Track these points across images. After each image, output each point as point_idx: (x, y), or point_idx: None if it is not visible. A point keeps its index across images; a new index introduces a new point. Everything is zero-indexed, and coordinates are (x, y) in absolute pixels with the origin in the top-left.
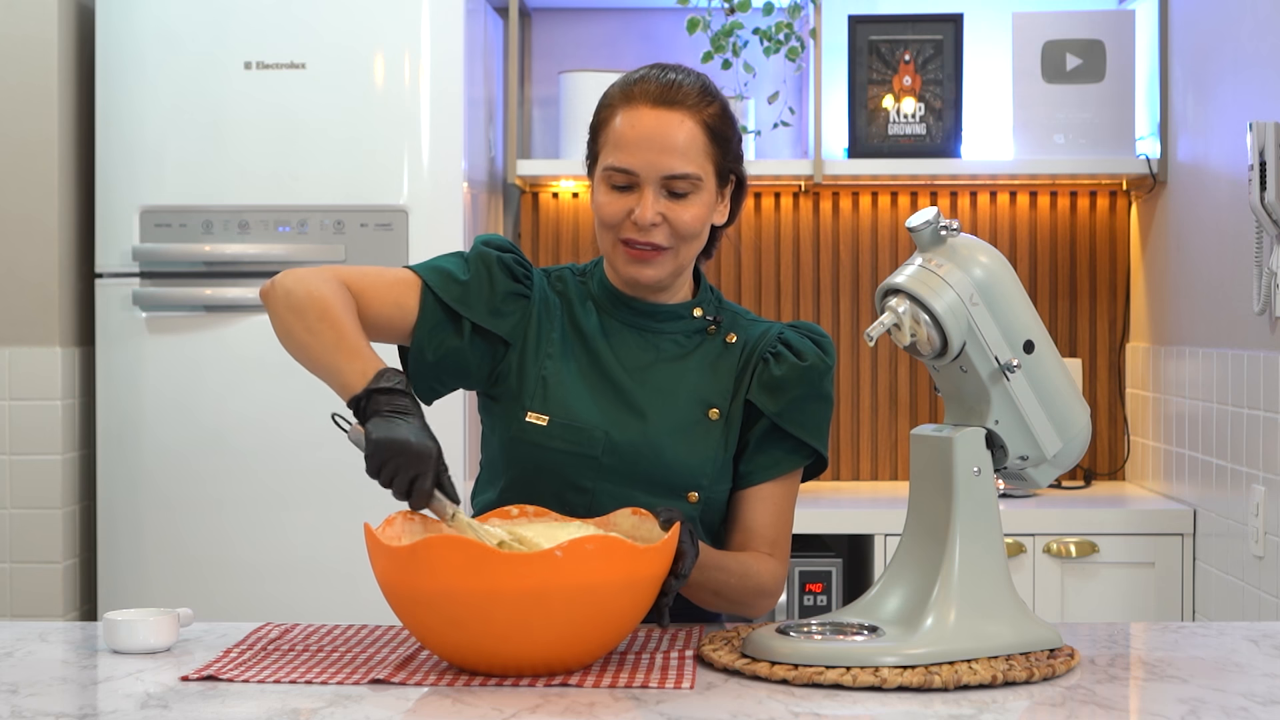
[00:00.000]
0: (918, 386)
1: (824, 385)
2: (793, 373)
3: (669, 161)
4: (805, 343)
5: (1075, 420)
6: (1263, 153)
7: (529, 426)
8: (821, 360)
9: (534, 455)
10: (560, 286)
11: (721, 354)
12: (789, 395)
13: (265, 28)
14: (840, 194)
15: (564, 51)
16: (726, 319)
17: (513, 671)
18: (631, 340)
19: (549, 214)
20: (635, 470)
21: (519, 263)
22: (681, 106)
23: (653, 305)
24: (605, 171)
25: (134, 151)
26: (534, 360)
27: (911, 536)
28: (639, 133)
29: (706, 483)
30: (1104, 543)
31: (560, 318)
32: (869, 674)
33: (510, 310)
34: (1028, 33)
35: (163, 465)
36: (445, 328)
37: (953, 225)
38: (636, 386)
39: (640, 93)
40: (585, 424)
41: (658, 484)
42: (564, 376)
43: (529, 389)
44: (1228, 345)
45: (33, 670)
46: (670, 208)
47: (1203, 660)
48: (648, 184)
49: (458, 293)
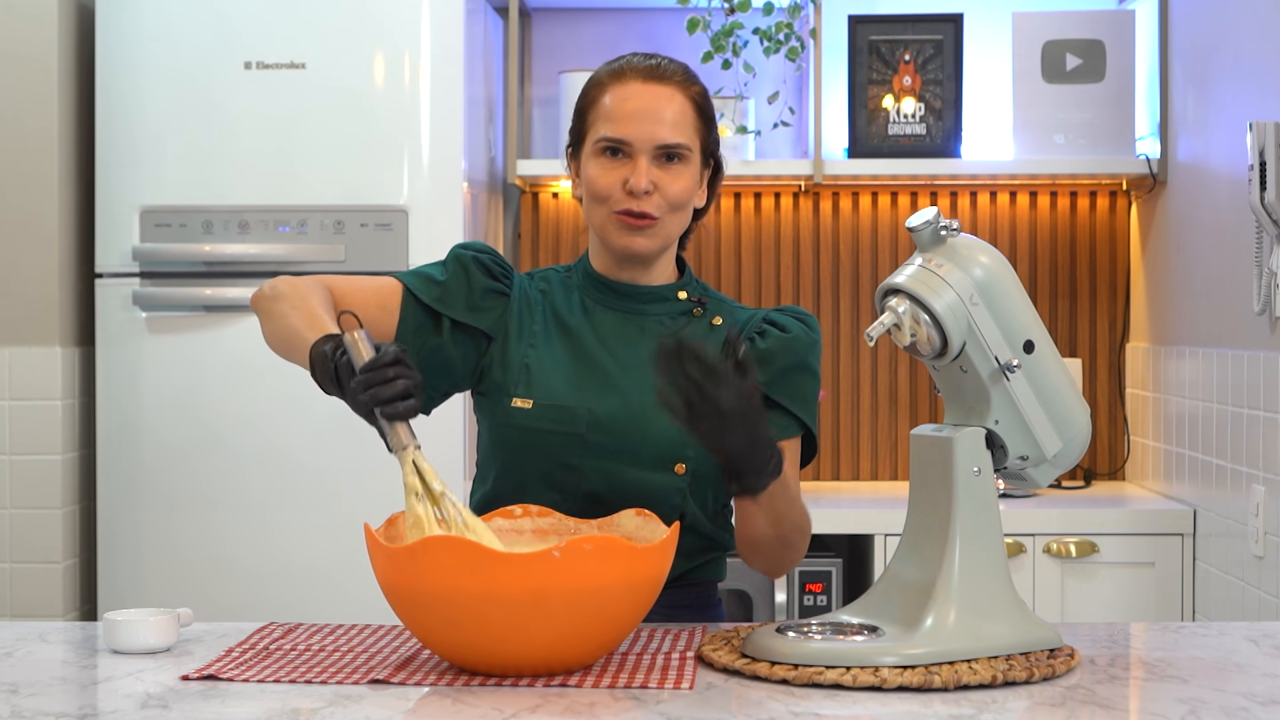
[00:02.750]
0: (918, 386)
1: (809, 359)
2: (778, 344)
3: (662, 131)
4: (790, 320)
5: (1075, 420)
6: (1263, 153)
7: (514, 411)
8: (807, 334)
9: (521, 439)
10: (544, 286)
11: (707, 335)
12: (776, 365)
13: (265, 28)
14: (840, 194)
15: (564, 51)
16: (712, 304)
17: (513, 671)
18: (616, 322)
19: (549, 214)
20: (620, 444)
21: (496, 262)
22: (670, 82)
23: (638, 288)
24: (598, 143)
25: (134, 151)
26: (516, 350)
27: (911, 536)
28: (632, 105)
29: (692, 453)
30: (1104, 543)
31: (542, 311)
32: (869, 674)
33: (489, 306)
34: (1028, 33)
35: (163, 465)
36: (426, 327)
37: (953, 225)
38: (619, 363)
39: (629, 70)
40: (568, 403)
41: (643, 457)
42: (547, 361)
43: (512, 376)
44: (1228, 345)
45: (33, 670)
46: (661, 177)
47: (1203, 660)
48: (641, 153)
49: (436, 293)
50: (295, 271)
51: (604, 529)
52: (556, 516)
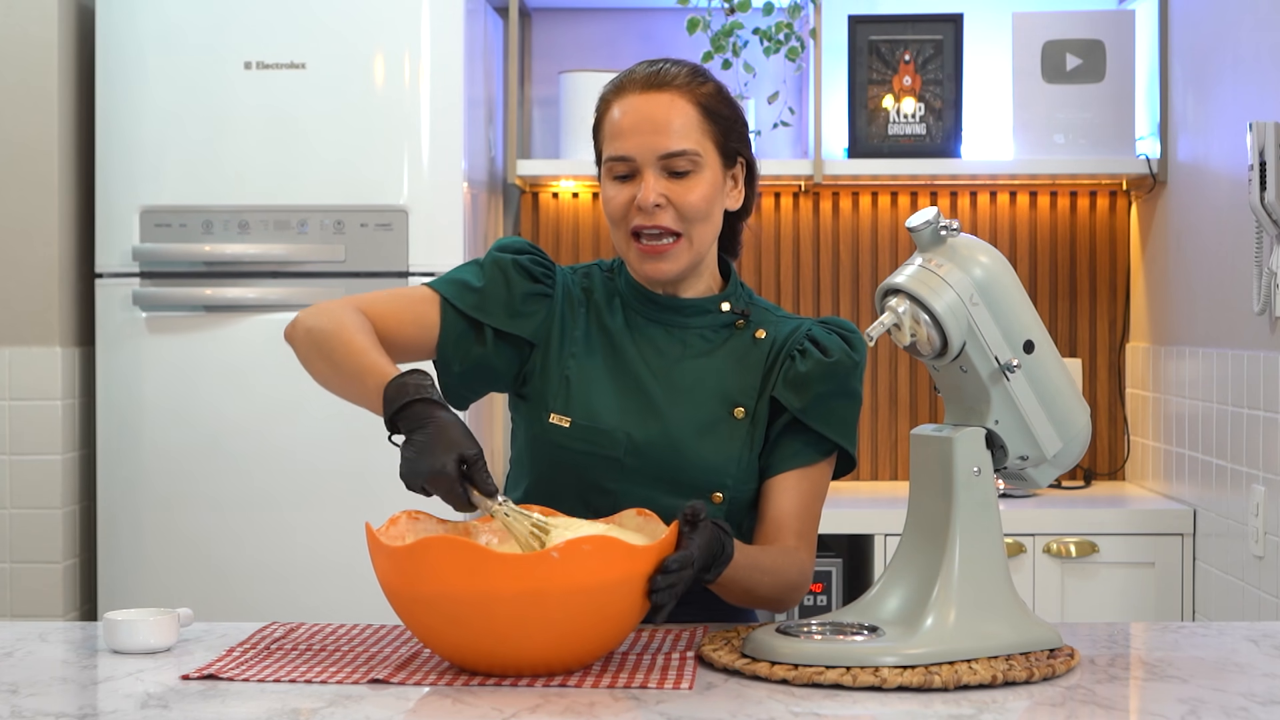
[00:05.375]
0: (918, 386)
1: (850, 382)
2: (818, 369)
3: (662, 141)
4: (833, 339)
5: (1075, 420)
6: (1263, 153)
7: (552, 428)
8: (848, 356)
9: (557, 456)
10: (586, 284)
11: (750, 349)
12: (814, 391)
13: (265, 28)
14: (840, 194)
15: (564, 51)
16: (756, 315)
17: (513, 671)
18: (658, 336)
19: (549, 214)
20: (658, 471)
21: (537, 262)
22: (670, 88)
23: (680, 300)
24: (606, 164)
25: (134, 151)
26: (558, 360)
27: (911, 536)
28: (631, 119)
29: (731, 482)
30: (1104, 543)
31: (585, 315)
32: (869, 674)
33: (531, 310)
34: (1028, 33)
35: (163, 465)
36: (468, 337)
37: (953, 225)
38: (660, 385)
39: (629, 82)
40: (606, 426)
41: (681, 484)
42: (587, 376)
43: (552, 389)
44: (1228, 345)
45: (33, 670)
46: (672, 189)
47: (1203, 660)
48: (646, 167)
49: (474, 300)
50: (295, 272)
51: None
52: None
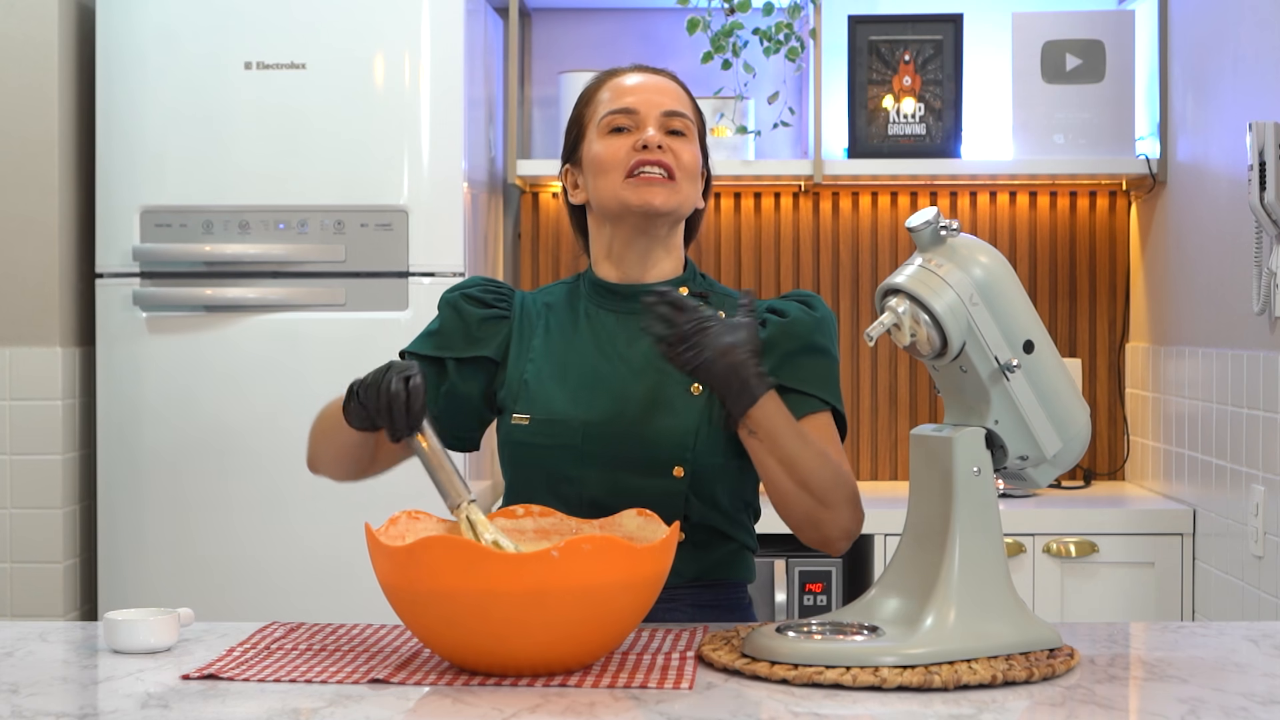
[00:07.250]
0: (918, 386)
1: (814, 338)
2: (778, 331)
3: (666, 100)
4: (790, 304)
5: (1075, 420)
6: (1262, 153)
7: (515, 428)
8: (807, 314)
9: (523, 454)
10: (548, 299)
11: None
12: (779, 351)
13: (265, 28)
14: (840, 194)
15: (564, 51)
16: (715, 299)
17: (513, 671)
18: (615, 323)
19: (549, 214)
20: (616, 452)
21: (488, 290)
22: (663, 74)
23: (639, 287)
24: (606, 118)
25: (134, 151)
26: (516, 368)
27: (911, 536)
28: (634, 82)
29: (691, 455)
30: (1104, 542)
31: (543, 324)
32: (869, 674)
33: (488, 334)
34: (1027, 33)
35: (163, 465)
36: (436, 378)
37: (953, 225)
38: (615, 369)
39: (618, 69)
40: (562, 415)
41: (640, 463)
42: (543, 375)
43: (513, 393)
44: (1227, 345)
45: (33, 670)
46: (670, 143)
47: (1203, 660)
48: (648, 120)
49: (435, 342)
50: (295, 272)
51: (605, 529)
52: (558, 516)
